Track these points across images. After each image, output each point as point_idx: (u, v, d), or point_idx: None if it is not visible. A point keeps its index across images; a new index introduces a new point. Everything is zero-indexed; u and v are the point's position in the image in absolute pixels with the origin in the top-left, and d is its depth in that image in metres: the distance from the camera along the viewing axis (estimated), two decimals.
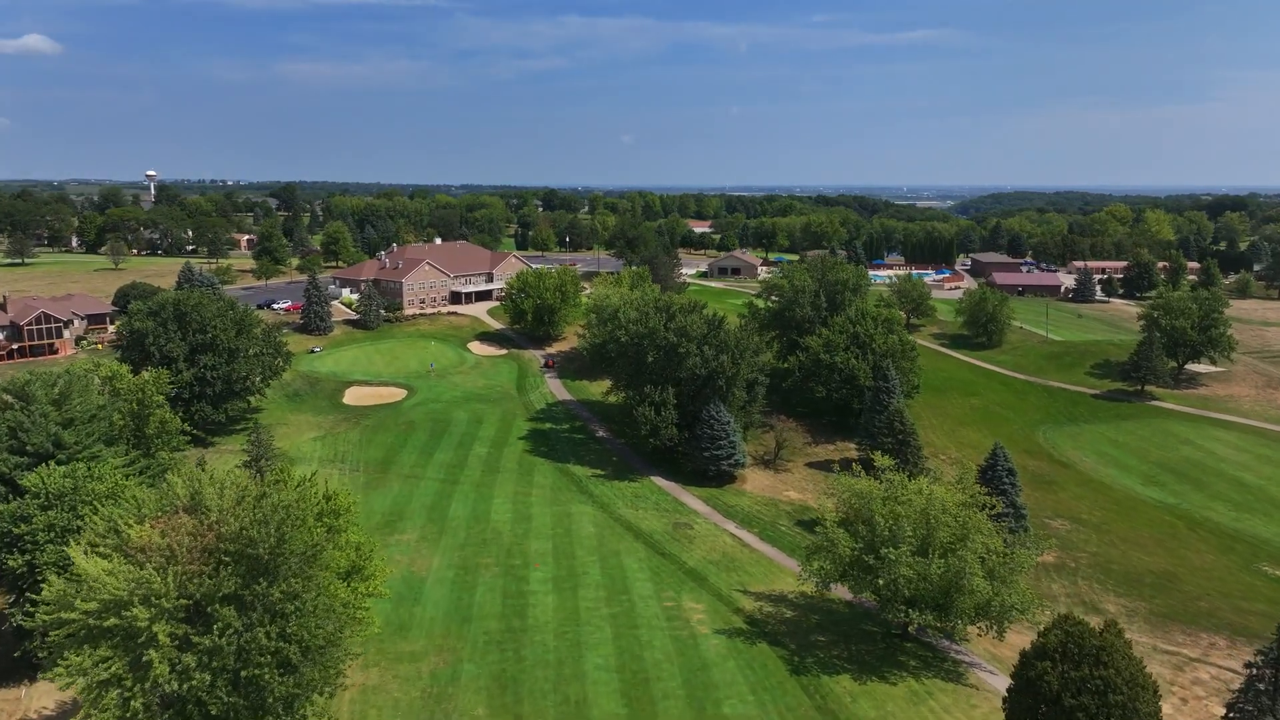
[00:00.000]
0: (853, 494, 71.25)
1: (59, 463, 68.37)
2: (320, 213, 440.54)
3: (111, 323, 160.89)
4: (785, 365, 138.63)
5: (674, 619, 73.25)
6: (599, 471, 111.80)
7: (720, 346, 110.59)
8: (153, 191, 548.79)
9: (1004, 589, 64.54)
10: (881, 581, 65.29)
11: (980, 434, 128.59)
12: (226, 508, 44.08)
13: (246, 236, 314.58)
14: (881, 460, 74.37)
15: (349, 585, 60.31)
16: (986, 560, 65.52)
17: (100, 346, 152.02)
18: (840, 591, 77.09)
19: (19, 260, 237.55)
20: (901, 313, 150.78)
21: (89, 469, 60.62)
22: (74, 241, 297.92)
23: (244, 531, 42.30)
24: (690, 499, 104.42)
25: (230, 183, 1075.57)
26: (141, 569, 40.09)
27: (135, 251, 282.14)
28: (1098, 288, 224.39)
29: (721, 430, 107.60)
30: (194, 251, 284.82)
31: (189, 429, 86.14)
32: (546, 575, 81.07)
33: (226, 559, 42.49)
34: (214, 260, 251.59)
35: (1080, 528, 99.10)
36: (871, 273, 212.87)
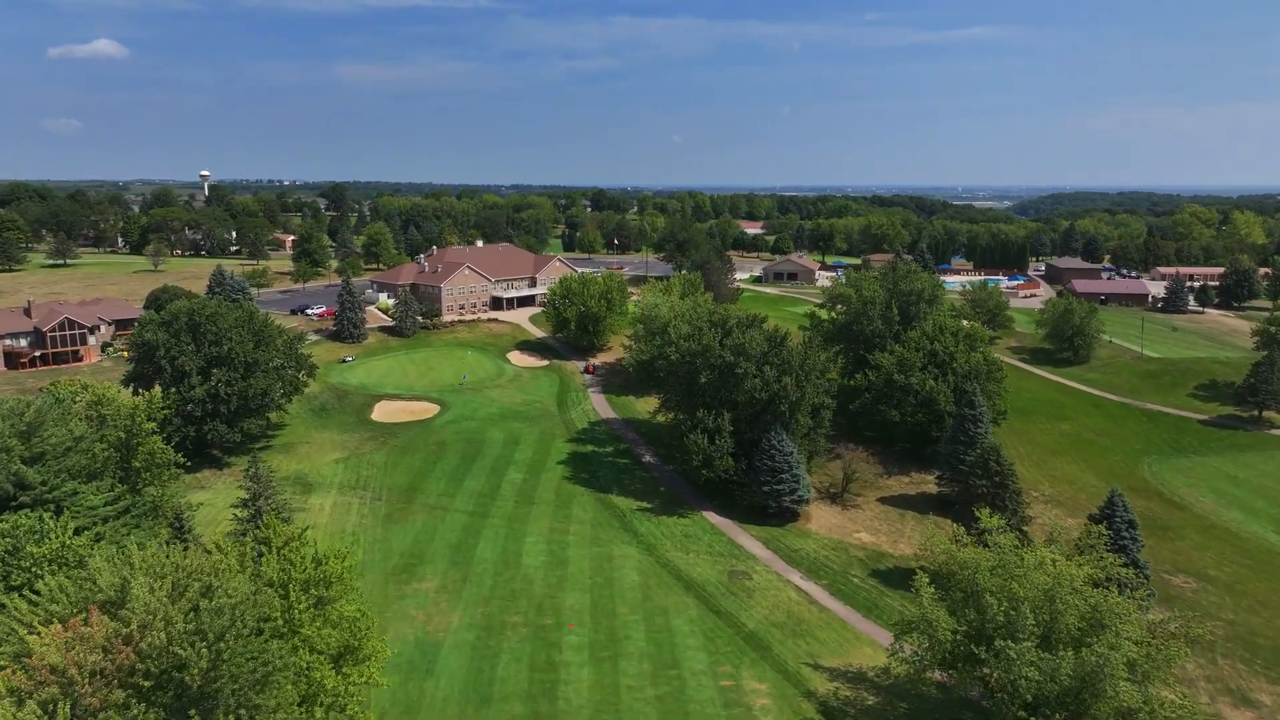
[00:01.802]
0: (954, 562, 58.43)
1: (20, 506, 59.14)
2: (368, 213, 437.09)
3: None
4: (852, 383, 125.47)
5: (733, 705, 61.28)
6: (645, 504, 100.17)
7: (783, 367, 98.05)
8: (206, 191, 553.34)
9: (1153, 691, 51.23)
10: (993, 675, 52.49)
11: (1075, 466, 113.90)
12: (156, 608, 33.35)
13: (291, 237, 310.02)
14: (988, 519, 61.33)
15: (339, 672, 49.64)
16: (1127, 652, 52.23)
17: (126, 354, 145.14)
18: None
19: (61, 261, 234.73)
20: (983, 326, 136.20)
21: (37, 523, 50.80)
22: (120, 242, 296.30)
23: (171, 648, 31.49)
24: (747, 540, 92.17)
25: (286, 183, 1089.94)
26: (22, 706, 29.59)
27: (179, 252, 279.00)
28: (1190, 297, 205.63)
29: (783, 462, 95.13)
30: (237, 252, 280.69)
31: (182, 460, 76.50)
32: (582, 640, 69.67)
33: (147, 683, 31.76)
34: (255, 262, 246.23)
35: (1209, 587, 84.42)
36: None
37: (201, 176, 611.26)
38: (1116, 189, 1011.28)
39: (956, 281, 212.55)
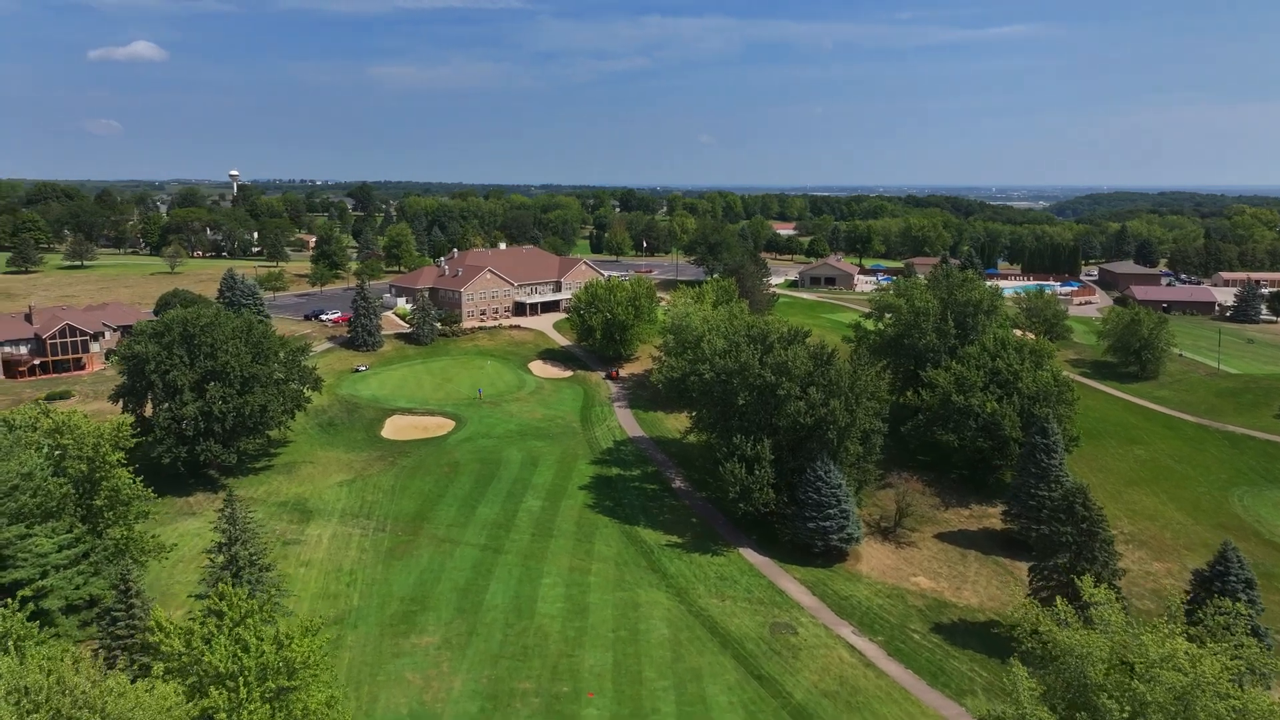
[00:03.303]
0: (1054, 645, 47.79)
1: None
2: (394, 213, 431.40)
3: None
4: (902, 401, 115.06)
5: None
6: (675, 539, 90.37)
7: (831, 389, 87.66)
8: (235, 191, 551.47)
9: None
10: None
11: (1155, 498, 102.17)
12: None
13: (315, 238, 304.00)
14: (1093, 591, 50.50)
15: None
16: None
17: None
18: None
19: (78, 263, 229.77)
20: (1044, 339, 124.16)
21: None
22: (142, 243, 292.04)
23: None
24: (791, 585, 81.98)
25: (319, 183, 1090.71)
26: None
27: (199, 254, 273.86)
28: (1262, 305, 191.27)
29: (831, 495, 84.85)
30: (259, 254, 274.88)
31: (152, 495, 67.58)
32: (602, 714, 60.02)
33: None
34: (275, 263, 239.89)
35: None
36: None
37: (231, 176, 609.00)
38: (1157, 189, 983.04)
39: (1007, 287, 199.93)
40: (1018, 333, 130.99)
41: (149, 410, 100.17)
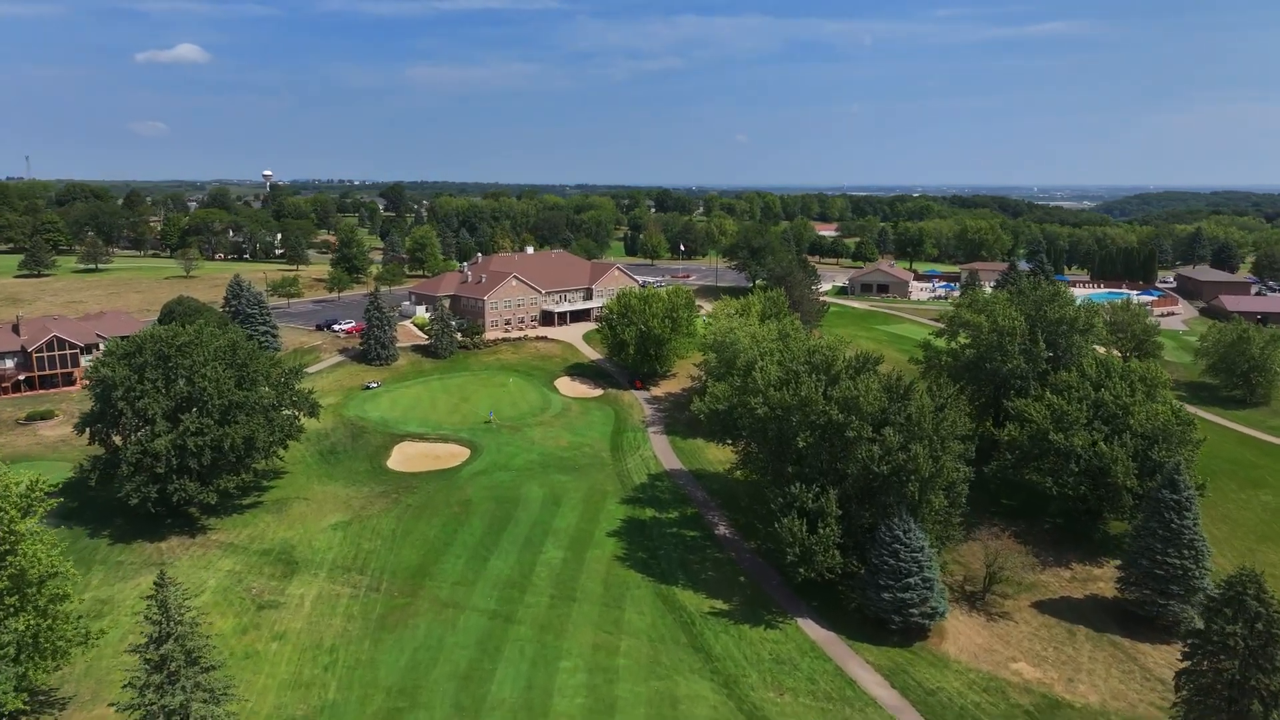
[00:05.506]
0: None
1: None
2: (425, 214, 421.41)
3: None
4: (981, 430, 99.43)
5: None
6: (719, 604, 76.03)
7: (911, 431, 72.57)
8: (268, 190, 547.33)
9: None
10: None
11: None
12: None
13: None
14: None
15: None
16: None
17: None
18: None
19: (92, 266, 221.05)
20: (1152, 361, 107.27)
21: None
22: (163, 245, 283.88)
23: None
24: (863, 671, 67.15)
25: (355, 183, 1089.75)
26: None
27: (220, 256, 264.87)
28: None
29: (911, 560, 69.86)
30: (281, 256, 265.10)
31: (69, 568, 54.10)
32: None
33: None
34: (294, 267, 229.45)
35: None
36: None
37: (264, 176, 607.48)
38: (1208, 188, 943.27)
39: (1081, 295, 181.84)
40: (1100, 350, 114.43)
41: (120, 440, 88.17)
